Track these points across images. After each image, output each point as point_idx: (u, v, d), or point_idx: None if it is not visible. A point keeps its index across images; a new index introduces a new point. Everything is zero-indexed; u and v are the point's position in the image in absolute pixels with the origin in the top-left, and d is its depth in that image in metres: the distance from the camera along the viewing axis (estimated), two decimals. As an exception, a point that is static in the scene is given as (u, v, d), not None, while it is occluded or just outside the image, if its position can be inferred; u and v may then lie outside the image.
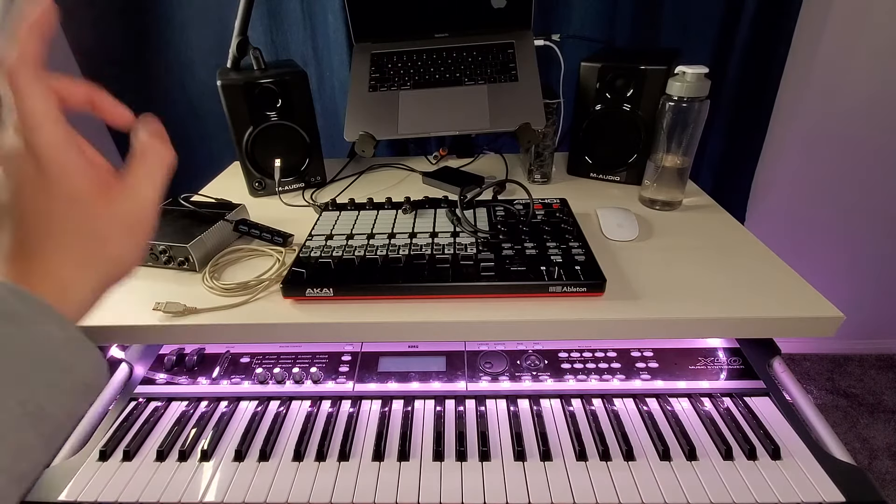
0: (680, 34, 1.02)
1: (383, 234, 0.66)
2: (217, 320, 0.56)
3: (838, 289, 1.45)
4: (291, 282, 0.57)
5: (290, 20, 1.06)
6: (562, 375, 0.61)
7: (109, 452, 0.54)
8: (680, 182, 0.75)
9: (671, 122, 0.71)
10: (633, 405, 0.58)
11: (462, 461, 0.52)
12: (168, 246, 0.64)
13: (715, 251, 0.65)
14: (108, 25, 1.09)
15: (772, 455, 0.50)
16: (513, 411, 0.57)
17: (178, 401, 0.61)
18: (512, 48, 0.89)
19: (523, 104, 0.82)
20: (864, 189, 1.28)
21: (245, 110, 0.81)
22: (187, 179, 1.25)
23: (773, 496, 0.47)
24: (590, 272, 0.56)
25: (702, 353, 0.64)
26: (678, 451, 0.52)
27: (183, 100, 1.17)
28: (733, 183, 1.19)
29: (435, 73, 0.89)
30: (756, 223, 1.32)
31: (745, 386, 0.59)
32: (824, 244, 1.39)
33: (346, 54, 1.04)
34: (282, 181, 0.86)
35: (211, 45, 1.09)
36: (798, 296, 0.56)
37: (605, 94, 0.82)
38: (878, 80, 1.13)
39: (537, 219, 0.69)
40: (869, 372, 1.58)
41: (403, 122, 0.84)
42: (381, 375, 0.62)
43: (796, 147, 1.23)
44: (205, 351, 0.67)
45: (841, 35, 1.08)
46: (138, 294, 0.61)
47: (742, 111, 1.10)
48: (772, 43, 1.02)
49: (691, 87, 0.68)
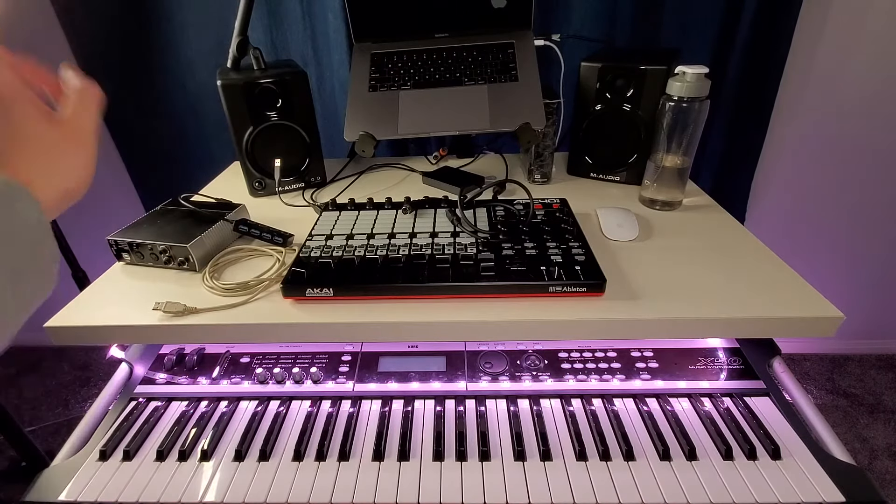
0: (680, 34, 1.02)
1: (383, 234, 0.66)
2: (217, 320, 0.56)
3: (838, 289, 1.45)
4: (291, 282, 0.57)
5: (290, 20, 1.06)
6: (562, 375, 0.61)
7: (109, 452, 0.54)
8: (680, 182, 0.75)
9: (671, 122, 0.71)
10: (633, 405, 0.58)
11: (462, 461, 0.52)
12: (168, 246, 0.64)
13: (715, 251, 0.65)
14: (108, 25, 1.09)
15: (772, 455, 0.50)
16: (513, 411, 0.57)
17: (178, 401, 0.61)
18: (512, 48, 0.89)
19: (523, 104, 0.82)
20: (865, 189, 1.28)
21: (245, 110, 0.81)
22: (187, 179, 1.26)
23: (773, 496, 0.47)
24: (590, 272, 0.56)
25: (702, 353, 0.64)
26: (678, 451, 0.52)
27: (183, 100, 1.17)
28: (733, 183, 1.19)
29: (435, 73, 0.89)
30: (756, 223, 1.32)
31: (745, 386, 0.59)
32: (824, 244, 1.39)
33: (346, 54, 1.04)
34: (282, 181, 0.86)
35: (211, 45, 1.09)
36: (798, 296, 0.56)
37: (605, 94, 0.82)
38: (878, 80, 1.13)
39: (537, 219, 0.69)
40: (869, 372, 1.58)
41: (403, 122, 0.84)
42: (381, 375, 0.62)
43: (796, 147, 1.23)
44: (205, 351, 0.67)
45: (841, 35, 1.08)
46: (138, 294, 0.61)
47: (742, 111, 1.10)
48: (772, 43, 1.02)
49: (691, 87, 0.68)
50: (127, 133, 1.25)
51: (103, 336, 0.57)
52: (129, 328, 0.57)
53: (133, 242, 0.65)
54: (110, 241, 0.66)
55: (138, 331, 0.57)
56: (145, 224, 0.69)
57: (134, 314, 0.57)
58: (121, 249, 0.67)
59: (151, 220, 0.70)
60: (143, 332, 0.57)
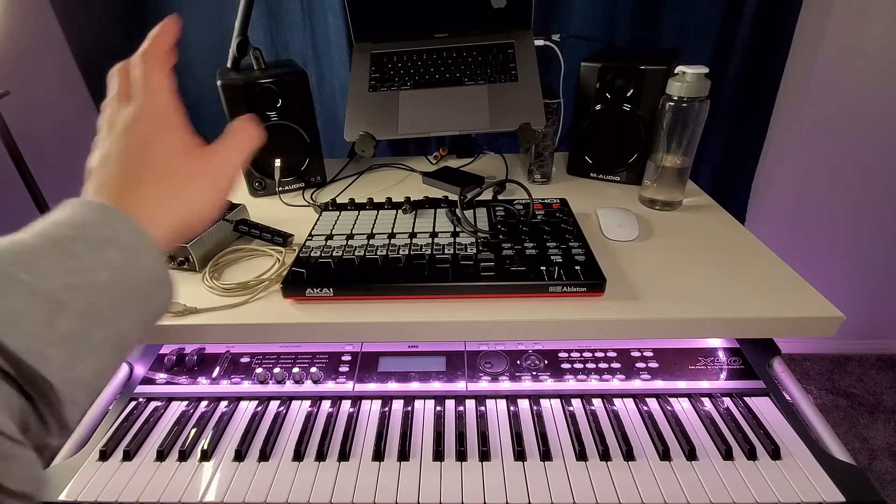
0: (680, 34, 1.02)
1: (383, 234, 0.66)
2: (217, 320, 0.56)
3: (838, 289, 1.45)
4: (291, 282, 0.57)
5: (290, 20, 1.06)
6: (562, 375, 0.61)
7: (109, 452, 0.54)
8: (680, 182, 0.75)
9: (671, 122, 0.71)
10: (633, 405, 0.58)
11: (462, 461, 0.52)
12: (168, 246, 0.64)
13: (715, 251, 0.65)
14: (108, 25, 1.09)
15: (772, 455, 0.50)
16: (513, 411, 0.57)
17: (178, 401, 0.61)
18: (512, 48, 0.89)
19: (523, 104, 0.82)
20: (865, 189, 1.28)
21: (245, 110, 0.81)
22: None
23: (773, 496, 0.47)
24: (590, 272, 0.56)
25: (702, 353, 0.64)
26: (678, 451, 0.52)
27: (183, 100, 1.17)
28: (733, 183, 1.19)
29: (435, 73, 0.89)
30: (756, 223, 1.32)
31: (745, 386, 0.59)
32: (824, 244, 1.39)
33: (346, 54, 1.04)
34: (282, 181, 0.86)
35: (211, 45, 1.09)
36: (798, 296, 0.56)
37: (605, 94, 0.82)
38: (878, 80, 1.13)
39: (537, 219, 0.69)
40: (869, 372, 1.57)
41: (403, 122, 0.84)
42: (381, 375, 0.62)
43: (796, 147, 1.23)
44: (205, 351, 0.67)
45: (841, 35, 1.08)
46: (138, 294, 0.61)
47: (742, 111, 1.10)
48: (772, 43, 1.02)
49: (691, 87, 0.68)
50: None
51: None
52: (129, 328, 0.56)
53: (133, 242, 0.65)
54: (110, 241, 0.66)
55: (138, 331, 0.57)
56: (145, 224, 0.69)
57: (134, 314, 0.57)
58: (121, 249, 0.67)
59: (151, 220, 0.70)
60: (143, 332, 0.57)
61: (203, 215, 0.31)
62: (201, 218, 0.31)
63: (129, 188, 0.28)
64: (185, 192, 0.30)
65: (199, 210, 0.31)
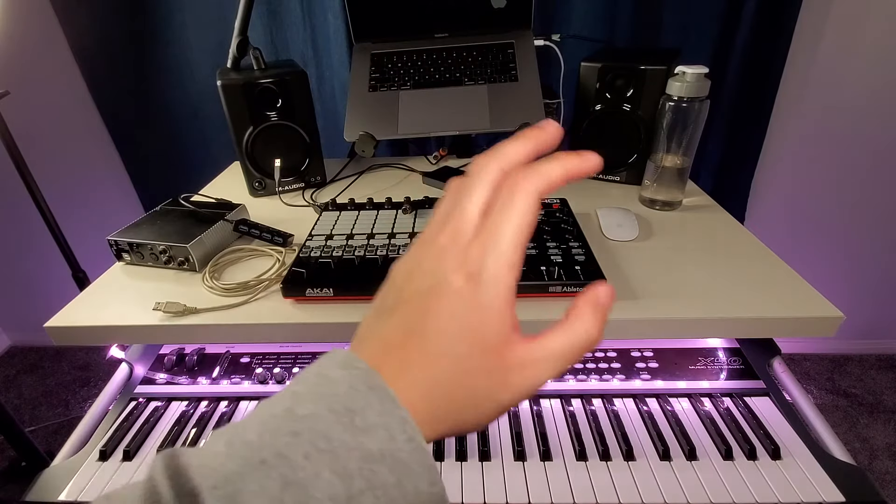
0: (680, 34, 1.02)
1: (383, 234, 0.66)
2: (217, 320, 0.56)
3: (838, 289, 1.45)
4: (291, 282, 0.57)
5: (290, 20, 1.06)
6: (562, 375, 0.61)
7: (109, 452, 0.54)
8: (680, 182, 0.75)
9: (671, 122, 0.71)
10: (633, 405, 0.58)
11: (462, 461, 0.52)
12: (168, 246, 0.64)
13: (715, 251, 0.65)
14: (108, 25, 1.09)
15: (772, 455, 0.50)
16: (512, 411, 0.57)
17: (178, 401, 0.61)
18: (512, 48, 0.89)
19: (523, 104, 0.82)
20: (865, 189, 1.28)
21: (245, 110, 0.81)
22: (187, 179, 1.26)
23: (773, 496, 0.47)
24: (590, 272, 0.56)
25: (702, 353, 0.64)
26: (678, 451, 0.52)
27: (183, 100, 1.17)
28: (733, 183, 1.19)
29: (435, 73, 0.89)
30: (756, 223, 1.32)
31: (745, 386, 0.59)
32: (824, 244, 1.39)
33: (346, 54, 1.04)
34: (282, 181, 0.86)
35: (211, 45, 1.09)
36: (798, 296, 0.56)
37: (605, 94, 0.82)
38: (878, 80, 1.13)
39: (537, 219, 0.69)
40: (869, 372, 1.58)
41: (403, 122, 0.84)
42: (381, 375, 0.62)
43: (796, 147, 1.23)
44: (205, 351, 0.67)
45: (841, 35, 1.08)
46: (138, 294, 0.61)
47: (742, 111, 1.10)
48: (772, 43, 1.02)
49: (691, 87, 0.68)
50: (127, 133, 1.25)
51: (103, 336, 0.57)
52: (129, 328, 0.57)
53: (133, 242, 0.65)
54: (110, 241, 0.66)
55: (138, 331, 0.57)
56: (145, 224, 0.69)
57: (134, 314, 0.57)
58: (121, 249, 0.67)
59: (151, 221, 0.70)
60: (143, 332, 0.57)
61: (476, 417, 0.22)
62: (472, 422, 0.22)
63: (402, 360, 0.21)
64: (463, 377, 0.21)
65: (470, 407, 0.22)
